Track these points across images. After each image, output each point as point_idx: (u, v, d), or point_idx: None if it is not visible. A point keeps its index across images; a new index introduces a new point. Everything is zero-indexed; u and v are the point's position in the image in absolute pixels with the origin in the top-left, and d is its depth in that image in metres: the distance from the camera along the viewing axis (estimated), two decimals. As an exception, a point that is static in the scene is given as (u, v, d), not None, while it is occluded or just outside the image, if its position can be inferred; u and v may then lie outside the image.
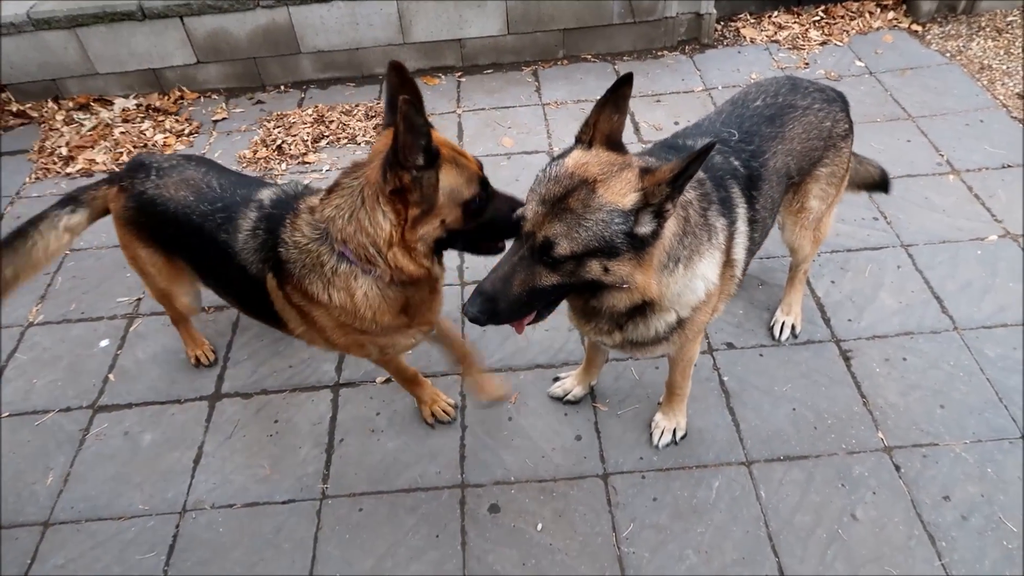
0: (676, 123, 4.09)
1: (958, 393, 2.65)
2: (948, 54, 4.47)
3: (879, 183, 2.89)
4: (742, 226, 2.05)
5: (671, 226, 1.71)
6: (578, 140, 1.72)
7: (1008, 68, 4.29)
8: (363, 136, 4.19)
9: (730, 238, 2.00)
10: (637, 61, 4.68)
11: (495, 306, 1.68)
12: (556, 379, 2.78)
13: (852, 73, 4.40)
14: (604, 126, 1.67)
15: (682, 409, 2.55)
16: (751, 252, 2.17)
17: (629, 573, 2.25)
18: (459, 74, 4.70)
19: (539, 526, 2.38)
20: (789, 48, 4.67)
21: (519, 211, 1.69)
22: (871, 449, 2.51)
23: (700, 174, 1.95)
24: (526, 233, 1.66)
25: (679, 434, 2.56)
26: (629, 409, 2.70)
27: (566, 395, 2.71)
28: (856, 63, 4.48)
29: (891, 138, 3.86)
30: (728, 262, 2.02)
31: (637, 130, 4.08)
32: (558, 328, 2.98)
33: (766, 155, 2.16)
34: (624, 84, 1.64)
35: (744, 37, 4.80)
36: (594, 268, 1.65)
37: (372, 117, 4.32)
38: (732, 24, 4.92)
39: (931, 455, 2.48)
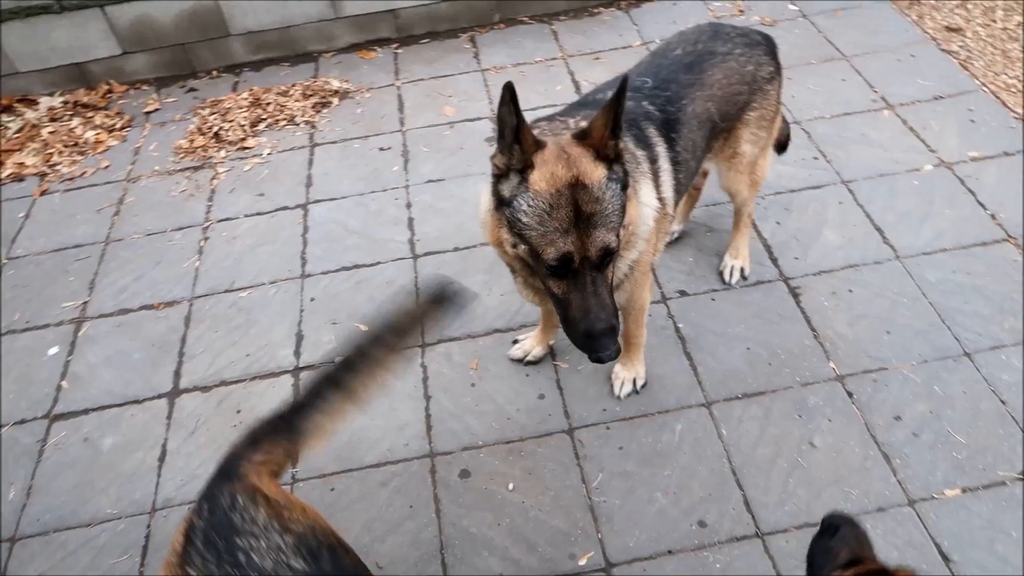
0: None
1: (903, 318, 2.75)
2: (877, -9, 4.53)
3: (782, 144, 2.91)
4: (665, 164, 2.12)
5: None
6: (523, 169, 1.69)
7: (936, 2, 4.37)
8: (302, 116, 4.09)
9: (656, 174, 2.06)
10: (574, 20, 4.64)
11: (616, 330, 1.78)
12: (515, 341, 2.80)
13: (786, 17, 4.43)
14: (528, 137, 1.68)
15: (640, 358, 2.60)
16: (678, 192, 2.23)
17: (602, 521, 2.30)
18: (395, 46, 4.61)
19: (510, 486, 2.41)
20: (723, -4, 4.68)
21: (558, 251, 1.68)
22: (824, 379, 2.60)
23: None
24: (581, 259, 1.70)
25: (639, 383, 2.61)
26: (589, 364, 2.74)
27: (526, 356, 2.74)
28: (789, 7, 4.51)
29: (827, 79, 3.92)
30: (659, 200, 2.09)
31: (578, 89, 4.07)
32: (513, 292, 2.98)
33: (683, 100, 2.21)
34: (512, 94, 1.59)
35: (679, -12, 4.78)
36: (622, 231, 1.77)
37: (310, 96, 4.22)
38: (666, -24, 4.89)
39: (881, 379, 2.58)
